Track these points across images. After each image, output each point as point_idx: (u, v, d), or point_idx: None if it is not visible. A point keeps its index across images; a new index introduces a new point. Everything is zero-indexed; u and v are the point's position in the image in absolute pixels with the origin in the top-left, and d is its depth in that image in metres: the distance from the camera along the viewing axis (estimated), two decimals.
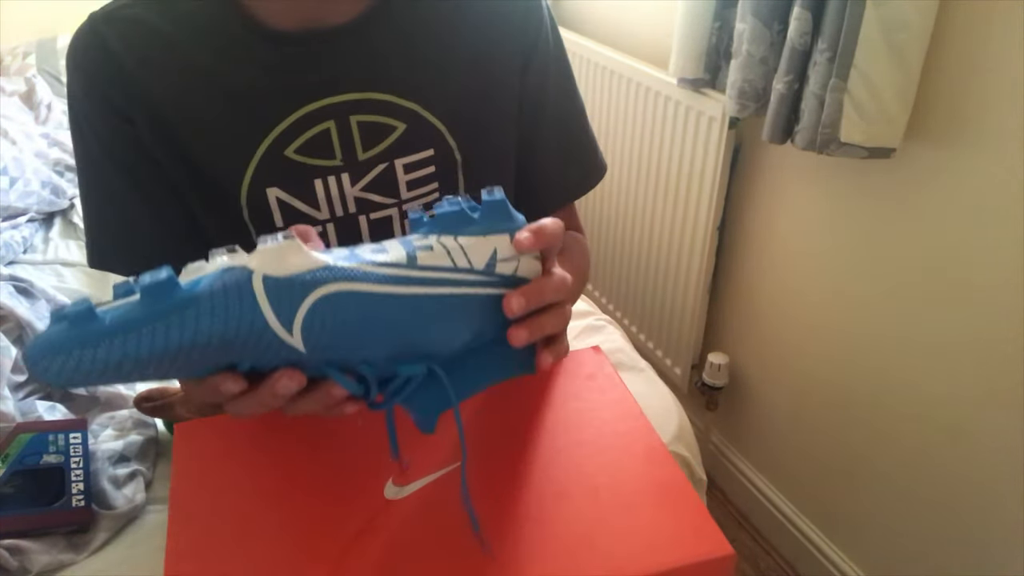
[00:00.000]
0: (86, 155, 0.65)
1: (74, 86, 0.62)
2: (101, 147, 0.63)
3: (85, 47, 0.61)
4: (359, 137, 0.63)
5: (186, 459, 0.54)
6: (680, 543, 0.46)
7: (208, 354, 0.37)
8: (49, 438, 0.89)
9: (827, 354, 1.29)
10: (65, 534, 0.85)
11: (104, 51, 0.60)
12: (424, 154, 0.65)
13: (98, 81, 0.60)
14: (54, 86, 1.76)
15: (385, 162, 0.64)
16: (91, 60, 0.60)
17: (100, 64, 0.60)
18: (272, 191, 0.62)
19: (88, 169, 0.65)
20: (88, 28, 0.61)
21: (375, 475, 0.52)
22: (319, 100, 0.61)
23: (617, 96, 1.57)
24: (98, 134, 0.63)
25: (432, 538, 0.47)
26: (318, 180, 0.63)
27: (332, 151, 0.62)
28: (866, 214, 1.16)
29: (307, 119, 0.61)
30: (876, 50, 0.96)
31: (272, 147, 0.61)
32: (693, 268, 1.47)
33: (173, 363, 0.37)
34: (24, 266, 1.34)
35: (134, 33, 0.60)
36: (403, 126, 0.63)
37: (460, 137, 0.66)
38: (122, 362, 0.36)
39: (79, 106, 0.63)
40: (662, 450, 0.53)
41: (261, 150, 0.61)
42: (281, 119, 0.61)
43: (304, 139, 0.61)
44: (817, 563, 1.40)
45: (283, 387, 0.40)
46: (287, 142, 0.61)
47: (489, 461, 0.53)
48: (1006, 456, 1.03)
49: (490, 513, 0.49)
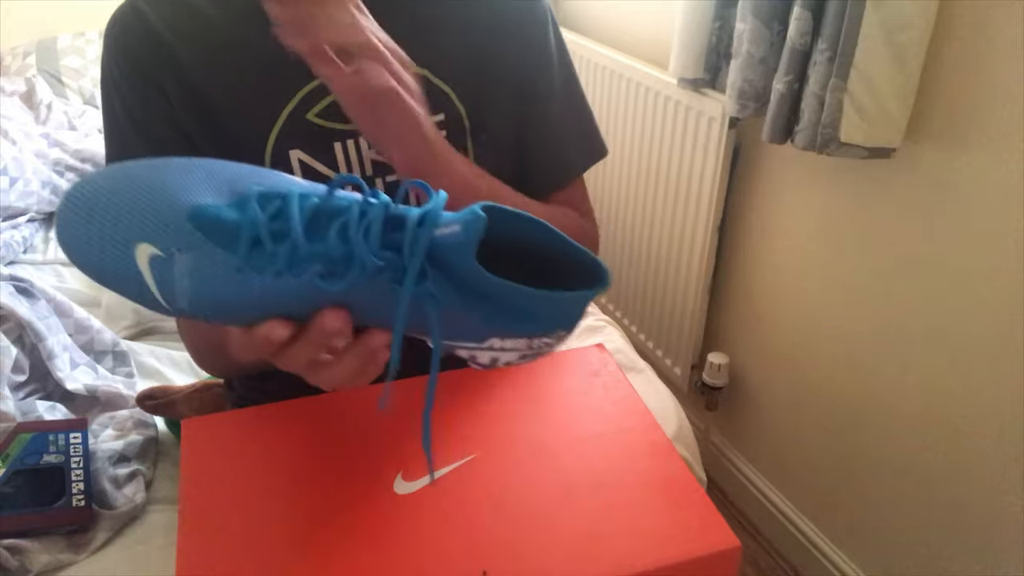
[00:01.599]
0: (114, 126, 0.67)
1: (110, 60, 0.65)
2: (130, 119, 0.66)
3: (124, 22, 0.64)
4: None
5: (195, 455, 0.54)
6: (686, 536, 0.47)
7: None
8: (49, 438, 0.89)
9: (827, 354, 1.29)
10: (65, 534, 0.85)
11: (143, 25, 0.63)
12: (435, 119, 0.67)
13: (135, 54, 0.64)
14: (54, 86, 1.76)
15: None
16: (131, 33, 0.64)
17: (139, 37, 0.63)
18: (295, 153, 0.66)
19: (115, 139, 0.68)
20: (129, 5, 0.65)
21: (384, 470, 0.52)
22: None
23: (617, 96, 1.57)
24: (128, 106, 0.66)
25: (443, 532, 0.47)
26: (337, 143, 0.66)
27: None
28: (866, 214, 1.16)
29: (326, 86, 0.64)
30: (876, 50, 0.96)
31: (295, 111, 0.65)
32: (693, 268, 1.47)
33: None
34: (24, 266, 1.34)
35: (172, 9, 0.64)
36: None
37: (468, 103, 0.69)
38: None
39: (113, 78, 0.66)
40: (667, 445, 0.54)
41: (285, 114, 0.65)
42: (303, 85, 0.64)
43: (324, 104, 0.65)
44: (817, 563, 1.40)
45: (330, 323, 0.42)
46: (309, 106, 0.65)
47: (496, 457, 0.53)
48: (1006, 456, 1.03)
49: (497, 508, 0.49)
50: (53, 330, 1.10)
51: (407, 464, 0.52)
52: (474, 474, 0.51)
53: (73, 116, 1.68)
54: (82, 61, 1.83)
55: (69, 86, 1.78)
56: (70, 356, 1.10)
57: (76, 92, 1.79)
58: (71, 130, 1.64)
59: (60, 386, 1.06)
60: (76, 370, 1.09)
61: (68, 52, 1.82)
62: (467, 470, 0.51)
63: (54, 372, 1.06)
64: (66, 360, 1.09)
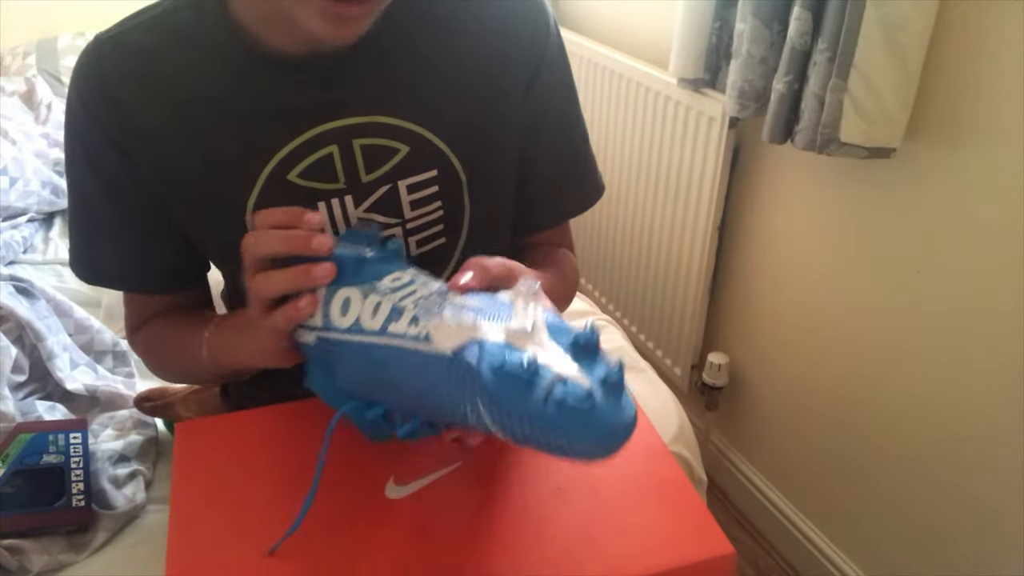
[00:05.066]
0: (74, 171, 0.66)
1: (74, 105, 0.63)
2: (92, 171, 0.64)
3: (87, 75, 0.61)
4: (362, 160, 0.62)
5: (187, 459, 0.54)
6: (681, 542, 0.46)
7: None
8: (49, 438, 0.89)
9: (827, 354, 1.29)
10: (65, 534, 0.85)
11: (103, 82, 0.60)
12: (428, 175, 0.64)
13: (96, 111, 0.61)
14: (54, 86, 1.76)
15: (388, 184, 0.63)
16: (91, 90, 0.61)
17: (99, 95, 0.60)
18: None
19: (74, 182, 0.66)
20: (92, 52, 0.61)
21: (376, 475, 0.52)
22: (322, 124, 0.60)
23: (617, 96, 1.57)
24: (90, 158, 0.63)
25: (434, 537, 0.47)
26: (321, 203, 0.62)
27: (335, 175, 0.62)
28: (866, 214, 1.15)
29: (310, 144, 0.61)
30: (876, 50, 0.96)
31: (275, 172, 0.61)
32: (693, 268, 1.47)
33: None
34: (24, 266, 1.34)
35: (136, 61, 0.60)
36: (406, 148, 0.63)
37: (465, 157, 0.65)
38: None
39: (75, 125, 0.63)
40: (662, 449, 0.53)
41: (263, 175, 0.61)
42: (284, 144, 0.60)
43: (307, 163, 0.61)
44: (817, 563, 1.40)
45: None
46: (289, 167, 0.61)
47: (489, 461, 0.53)
48: (1006, 456, 1.03)
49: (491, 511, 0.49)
50: (53, 330, 1.11)
51: (398, 469, 0.52)
52: (466, 479, 0.51)
53: None
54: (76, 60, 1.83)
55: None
56: (70, 356, 1.10)
57: None
58: None
59: (60, 386, 1.06)
60: (76, 370, 1.09)
61: (68, 52, 1.82)
62: (459, 475, 0.51)
63: (54, 372, 1.06)
64: (66, 360, 1.09)
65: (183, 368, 0.71)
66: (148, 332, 0.72)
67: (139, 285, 0.70)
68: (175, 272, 0.70)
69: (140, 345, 0.75)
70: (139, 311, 0.73)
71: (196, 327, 0.65)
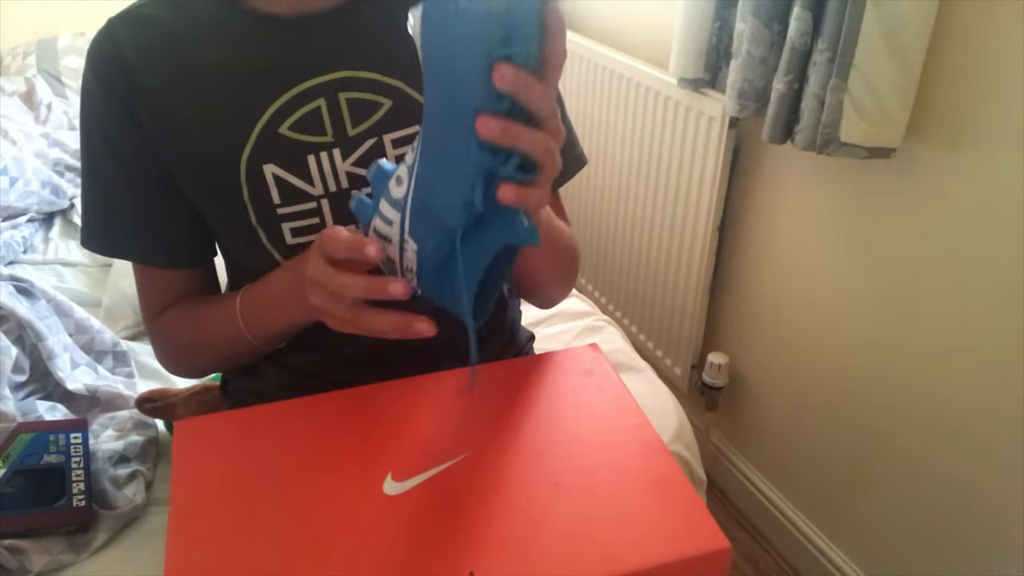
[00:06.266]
0: (90, 149, 0.69)
1: (88, 84, 0.67)
2: (106, 145, 0.67)
3: (101, 50, 0.65)
4: (348, 114, 0.66)
5: (186, 458, 0.54)
6: (676, 537, 0.47)
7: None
8: (50, 438, 0.89)
9: (827, 354, 1.29)
10: (65, 534, 0.85)
11: (118, 55, 0.64)
12: (411, 130, 0.67)
13: (110, 83, 0.65)
14: (54, 86, 1.76)
15: (374, 137, 0.67)
16: (106, 63, 0.65)
17: (111, 65, 0.64)
18: (268, 167, 0.65)
19: (90, 161, 0.70)
20: (106, 30, 0.66)
21: (374, 472, 0.52)
22: (310, 80, 0.64)
23: (617, 96, 1.57)
24: (104, 131, 0.67)
25: (432, 533, 0.48)
26: (311, 156, 0.65)
27: (323, 128, 0.65)
28: (866, 214, 1.16)
29: (299, 98, 0.65)
30: (876, 50, 0.96)
31: (267, 125, 0.64)
32: (693, 268, 1.47)
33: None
34: (24, 266, 1.34)
35: (147, 34, 0.65)
36: (389, 103, 0.66)
37: None
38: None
39: (90, 102, 0.67)
40: (659, 445, 0.54)
41: (257, 128, 0.64)
42: (275, 98, 0.64)
43: (297, 116, 0.65)
44: (817, 563, 1.40)
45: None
46: (281, 120, 0.65)
47: (487, 456, 0.53)
48: (1006, 456, 1.03)
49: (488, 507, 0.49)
50: (53, 330, 1.11)
51: (397, 465, 0.52)
52: (464, 474, 0.51)
53: (73, 116, 1.68)
54: (82, 61, 1.81)
55: (69, 86, 1.78)
56: (70, 356, 1.10)
57: (76, 92, 1.79)
58: (71, 130, 1.65)
59: (60, 386, 1.06)
60: (76, 370, 1.10)
61: (68, 52, 1.83)
62: (457, 470, 0.51)
63: (54, 372, 1.06)
64: (66, 360, 1.09)
65: (214, 343, 0.72)
66: (174, 313, 0.74)
67: (151, 257, 0.73)
68: (186, 247, 0.73)
69: (166, 327, 0.75)
70: (159, 292, 0.75)
71: (225, 300, 0.69)
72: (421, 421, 0.56)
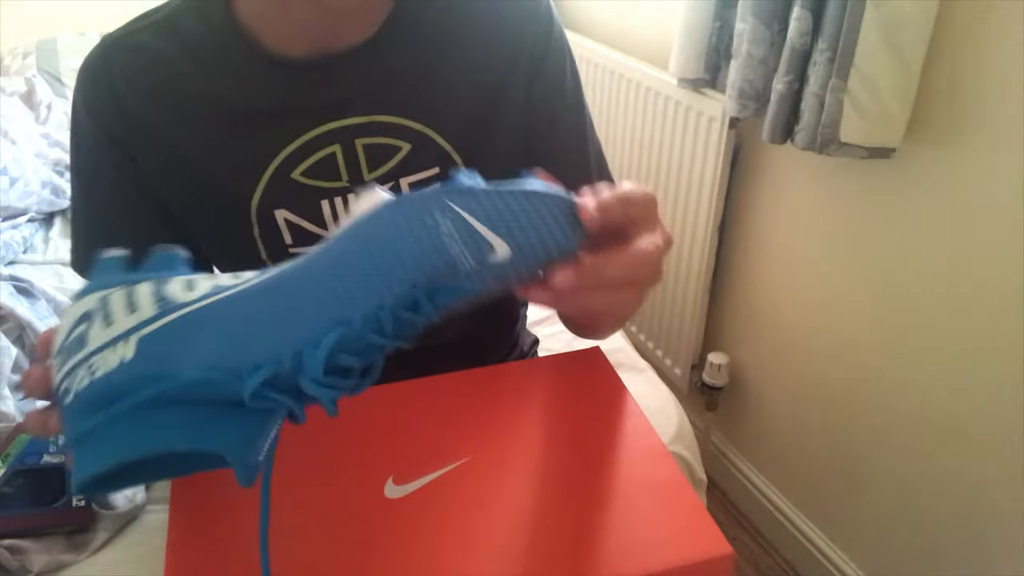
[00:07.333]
0: (80, 172, 0.66)
1: (79, 113, 0.63)
2: (95, 173, 0.65)
3: (93, 78, 0.62)
4: (365, 159, 0.63)
5: None
6: (678, 542, 0.46)
7: None
8: (49, 438, 0.89)
9: (827, 354, 1.29)
10: (65, 534, 0.85)
11: (110, 85, 0.61)
12: (430, 172, 0.65)
13: (101, 115, 0.62)
14: (54, 86, 1.76)
15: (391, 181, 0.64)
16: (96, 94, 0.61)
17: (102, 99, 0.61)
18: (280, 212, 0.63)
19: (80, 183, 0.67)
20: (98, 56, 0.62)
21: (375, 474, 0.52)
22: (324, 124, 0.61)
23: (617, 96, 1.57)
24: (95, 160, 0.64)
25: (433, 537, 0.47)
26: (325, 201, 0.63)
27: (338, 173, 0.63)
28: (866, 214, 1.15)
29: (312, 143, 0.61)
30: (876, 50, 0.96)
31: (278, 170, 0.61)
32: (693, 268, 1.47)
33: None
34: (24, 266, 1.34)
35: (140, 63, 0.61)
36: (408, 146, 0.63)
37: (467, 154, 0.65)
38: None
39: (82, 128, 0.64)
40: (661, 449, 0.53)
41: (267, 174, 0.61)
42: (287, 144, 0.61)
43: (310, 163, 0.62)
44: (817, 563, 1.40)
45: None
46: (293, 165, 0.62)
47: (488, 460, 0.53)
48: (1006, 456, 1.03)
49: (489, 513, 0.49)
50: None
51: (398, 468, 0.52)
52: (465, 478, 0.51)
53: None
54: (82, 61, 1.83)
55: (69, 86, 1.79)
56: None
57: None
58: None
59: None
60: None
61: (68, 52, 1.83)
62: (458, 474, 0.51)
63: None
64: None
65: None
66: None
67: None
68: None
69: None
70: None
71: None
72: (423, 424, 0.56)
